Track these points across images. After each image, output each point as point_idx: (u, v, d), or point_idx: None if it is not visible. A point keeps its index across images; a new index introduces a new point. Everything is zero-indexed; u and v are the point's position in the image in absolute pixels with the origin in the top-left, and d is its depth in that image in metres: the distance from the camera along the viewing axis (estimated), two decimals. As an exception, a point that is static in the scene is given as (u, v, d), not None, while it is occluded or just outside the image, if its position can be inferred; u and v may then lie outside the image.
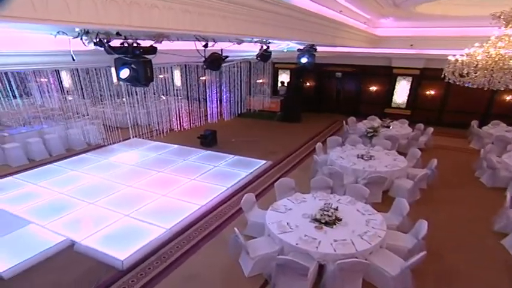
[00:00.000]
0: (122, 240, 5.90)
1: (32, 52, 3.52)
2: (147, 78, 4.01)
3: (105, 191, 7.97)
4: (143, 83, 4.03)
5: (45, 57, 3.70)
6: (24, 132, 11.06)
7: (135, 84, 4.14)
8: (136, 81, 4.01)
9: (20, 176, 8.99)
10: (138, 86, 4.27)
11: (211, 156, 10.50)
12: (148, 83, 4.10)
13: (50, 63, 3.90)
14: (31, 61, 3.64)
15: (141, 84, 4.11)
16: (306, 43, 7.28)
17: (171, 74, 18.22)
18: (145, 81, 4.01)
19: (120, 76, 3.94)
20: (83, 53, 4.02)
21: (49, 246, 5.72)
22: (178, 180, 8.62)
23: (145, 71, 3.92)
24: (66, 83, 19.57)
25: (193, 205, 7.14)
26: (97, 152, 11.06)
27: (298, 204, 5.75)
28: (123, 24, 2.89)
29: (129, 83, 4.12)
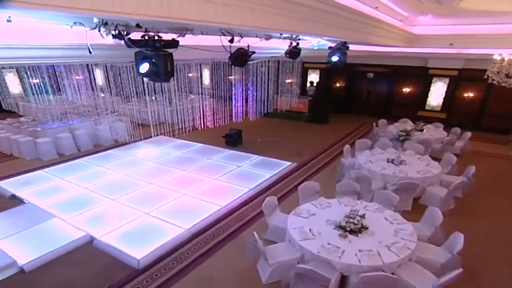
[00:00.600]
0: (139, 239, 5.82)
1: (48, 45, 3.42)
2: (167, 73, 3.81)
3: (128, 187, 7.97)
4: (163, 78, 3.84)
5: (63, 50, 3.59)
6: (55, 127, 11.34)
7: (154, 79, 3.99)
8: (155, 76, 3.83)
9: (49, 170, 9.18)
10: (157, 81, 4.11)
11: (235, 156, 10.33)
12: (168, 78, 3.91)
13: (67, 57, 3.80)
14: (48, 54, 3.53)
15: (161, 79, 3.94)
16: (338, 40, 6.89)
17: (200, 73, 18.28)
18: (165, 76, 3.82)
19: (139, 71, 3.79)
20: (106, 47, 3.93)
21: (69, 241, 5.74)
22: (201, 179, 8.50)
23: (166, 65, 3.73)
24: (99, 81, 20.28)
25: (214, 206, 6.98)
26: (123, 148, 11.17)
27: (322, 209, 5.43)
28: (140, 13, 2.73)
29: (148, 78, 3.95)
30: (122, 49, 4.03)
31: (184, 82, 15.37)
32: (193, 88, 16.54)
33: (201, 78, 18.63)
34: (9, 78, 17.39)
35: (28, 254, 5.40)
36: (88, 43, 3.27)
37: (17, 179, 8.55)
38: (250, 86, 14.77)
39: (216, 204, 7.02)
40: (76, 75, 16.79)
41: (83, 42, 3.27)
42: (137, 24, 3.42)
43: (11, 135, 10.95)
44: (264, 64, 14.00)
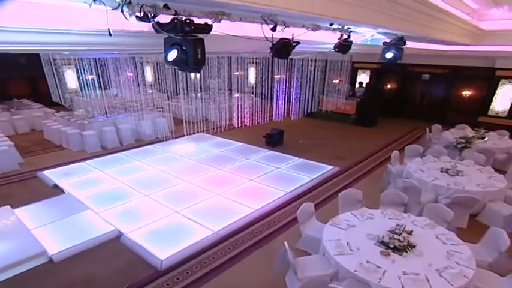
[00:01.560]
0: (166, 238, 5.61)
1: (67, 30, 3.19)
2: (197, 61, 3.41)
3: (162, 184, 7.87)
4: (192, 66, 3.45)
5: (80, 36, 3.37)
6: (101, 121, 11.67)
7: (183, 68, 3.59)
8: (184, 65, 3.45)
9: (91, 161, 9.40)
10: (186, 70, 3.66)
11: (274, 157, 9.92)
12: (198, 67, 3.52)
13: (84, 44, 3.58)
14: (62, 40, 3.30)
15: (190, 68, 3.57)
16: (395, 33, 6.16)
17: (246, 72, 18.14)
18: (195, 64, 3.43)
19: (167, 58, 3.46)
20: (130, 34, 3.71)
21: (98, 235, 5.68)
22: (236, 179, 8.19)
23: (196, 51, 3.35)
24: (148, 78, 20.97)
25: (246, 208, 6.62)
26: (163, 144, 11.19)
27: (363, 221, 4.84)
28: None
29: (177, 66, 3.58)
30: (147, 36, 3.78)
31: (229, 80, 15.29)
32: (239, 86, 16.40)
33: (246, 76, 18.47)
34: (68, 74, 18.44)
35: (58, 244, 5.41)
36: (108, 25, 3.00)
37: (62, 169, 8.81)
38: (295, 85, 14.24)
39: (248, 207, 6.65)
40: (128, 72, 17.51)
41: (102, 28, 3.01)
42: (165, 5, 3.09)
43: (61, 127, 11.43)
44: (310, 63, 13.42)
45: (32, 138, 12.22)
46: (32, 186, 7.95)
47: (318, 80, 14.60)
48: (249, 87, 19.07)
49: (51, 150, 10.77)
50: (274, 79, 16.11)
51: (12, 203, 6.89)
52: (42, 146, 11.30)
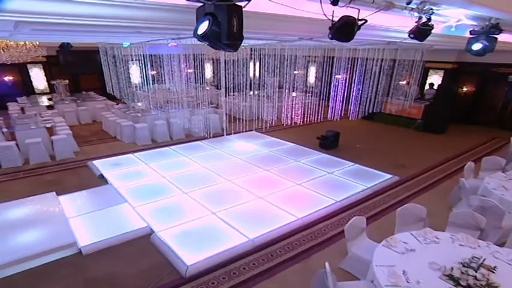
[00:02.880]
0: (197, 241, 5.18)
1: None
2: (232, 35, 2.84)
3: (204, 181, 7.52)
4: (225, 42, 2.89)
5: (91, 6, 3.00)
6: (153, 114, 11.78)
7: (215, 44, 3.02)
8: (216, 40, 2.92)
9: (138, 154, 9.40)
10: (219, 47, 3.08)
11: (327, 161, 9.12)
12: (233, 43, 2.95)
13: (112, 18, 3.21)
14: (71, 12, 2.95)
15: (222, 45, 2.96)
16: (490, 16, 4.95)
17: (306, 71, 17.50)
18: (230, 39, 2.87)
19: (197, 32, 2.93)
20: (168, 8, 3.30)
21: (130, 230, 5.44)
22: (283, 182, 7.57)
23: (230, 22, 2.79)
24: (207, 74, 21.34)
25: (289, 215, 5.96)
26: (213, 140, 10.93)
27: (426, 245, 3.94)
28: None
29: (208, 42, 3.02)
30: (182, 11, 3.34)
31: (287, 78, 14.74)
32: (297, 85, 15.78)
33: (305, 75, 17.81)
34: (133, 70, 19.29)
35: (90, 236, 5.26)
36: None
37: (111, 159, 8.91)
38: (355, 85, 13.19)
39: (291, 214, 5.99)
40: (188, 69, 17.91)
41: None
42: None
43: (117, 119, 11.73)
44: (375, 62, 12.28)
45: (92, 129, 12.76)
46: (81, 174, 8.10)
47: (382, 80, 13.39)
48: (307, 86, 18.36)
49: (105, 141, 11.07)
50: (333, 79, 15.18)
51: (60, 189, 7.03)
52: (98, 136, 11.70)
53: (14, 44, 10.90)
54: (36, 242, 5.00)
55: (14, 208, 6.05)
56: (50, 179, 7.80)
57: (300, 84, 14.72)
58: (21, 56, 11.72)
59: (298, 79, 15.04)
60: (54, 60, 17.17)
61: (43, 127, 9.73)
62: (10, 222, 5.57)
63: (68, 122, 13.14)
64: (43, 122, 10.32)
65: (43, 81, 17.54)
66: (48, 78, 17.34)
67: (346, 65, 12.79)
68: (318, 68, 16.60)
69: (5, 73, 16.62)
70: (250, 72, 19.00)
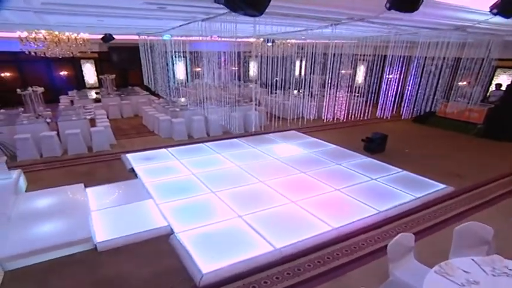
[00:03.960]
0: (218, 246, 4.70)
1: None
2: None
3: (235, 181, 7.06)
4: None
5: None
6: (191, 109, 11.58)
7: (234, 6, 2.80)
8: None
9: (172, 149, 9.17)
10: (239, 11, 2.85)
11: (371, 166, 8.26)
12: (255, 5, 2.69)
13: None
14: None
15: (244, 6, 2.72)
16: None
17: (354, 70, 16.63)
18: None
19: None
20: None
21: (149, 229, 5.10)
22: (320, 186, 6.90)
23: None
24: (251, 72, 21.20)
25: (323, 224, 5.29)
26: (251, 139, 10.48)
27: (494, 277, 3.11)
28: None
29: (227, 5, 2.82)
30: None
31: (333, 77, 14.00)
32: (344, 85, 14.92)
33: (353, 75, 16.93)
34: (179, 67, 19.61)
35: (108, 232, 4.99)
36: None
37: (144, 153, 8.77)
38: (410, 86, 12.04)
39: (325, 223, 5.32)
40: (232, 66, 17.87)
41: None
42: None
43: (156, 113, 11.69)
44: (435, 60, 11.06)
45: (132, 122, 12.87)
46: (113, 167, 8.01)
47: (440, 80, 12.11)
48: (354, 86, 17.44)
49: (143, 135, 11.05)
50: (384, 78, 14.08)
51: (90, 181, 6.94)
52: (137, 130, 11.73)
53: (66, 37, 11.23)
54: (54, 233, 4.81)
55: (41, 197, 5.98)
56: (83, 170, 7.78)
57: (347, 83, 13.86)
58: (71, 50, 12.08)
59: (346, 78, 14.17)
60: (105, 56, 17.82)
61: (84, 118, 9.85)
62: (34, 212, 5.47)
63: (111, 115, 13.44)
64: (84, 113, 10.49)
65: (93, 76, 18.23)
66: (98, 73, 17.99)
67: (400, 64, 11.71)
68: (367, 67, 15.59)
69: (61, 68, 17.51)
70: (296, 71, 18.49)
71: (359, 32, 8.05)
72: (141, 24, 7.70)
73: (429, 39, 8.37)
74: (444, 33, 7.10)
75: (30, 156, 8.42)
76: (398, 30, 7.04)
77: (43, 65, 16.79)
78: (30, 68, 16.67)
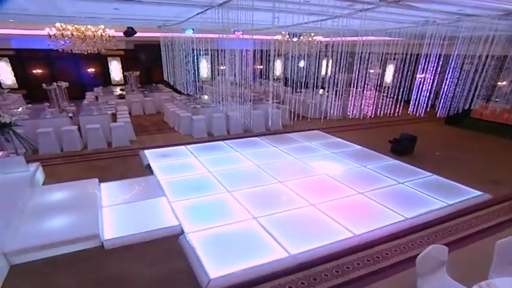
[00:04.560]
0: (229, 249, 4.42)
1: None
2: None
3: (252, 180, 6.77)
4: None
5: None
6: (213, 107, 11.39)
7: None
8: None
9: (190, 146, 8.99)
10: None
11: (399, 168, 7.75)
12: None
13: None
14: None
15: None
16: None
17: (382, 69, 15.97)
18: None
19: None
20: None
21: (159, 227, 4.88)
22: (342, 189, 6.49)
23: None
24: (276, 71, 21.00)
25: (344, 230, 4.90)
26: (272, 137, 10.15)
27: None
28: None
29: None
30: None
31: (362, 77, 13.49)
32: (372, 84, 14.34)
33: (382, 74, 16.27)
34: (203, 64, 19.60)
35: (116, 229, 4.82)
36: None
37: (162, 150, 8.63)
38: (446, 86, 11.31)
39: (346, 229, 4.92)
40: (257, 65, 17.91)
41: None
42: None
43: (177, 110, 11.57)
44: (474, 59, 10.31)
45: (153, 119, 12.84)
46: (130, 163, 7.90)
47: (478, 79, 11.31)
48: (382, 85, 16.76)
49: (163, 132, 10.96)
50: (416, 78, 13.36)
51: (106, 176, 6.85)
52: (158, 126, 11.67)
53: (92, 34, 11.33)
54: (63, 229, 4.68)
55: (55, 191, 5.91)
56: (100, 165, 7.72)
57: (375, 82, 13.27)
58: (96, 46, 12.19)
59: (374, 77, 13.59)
60: (131, 54, 18.02)
61: (105, 113, 9.85)
62: (47, 205, 5.39)
63: (134, 111, 13.49)
64: (106, 109, 10.51)
65: (119, 73, 18.47)
66: (124, 70, 18.22)
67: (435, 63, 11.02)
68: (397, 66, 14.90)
69: (89, 65, 17.87)
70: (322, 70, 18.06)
71: (391, 23, 7.50)
72: (157, 14, 7.53)
73: (471, 33, 7.63)
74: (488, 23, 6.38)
75: (51, 150, 8.46)
76: (436, 18, 6.43)
77: (72, 62, 17.19)
78: (60, 65, 17.10)
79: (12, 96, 14.50)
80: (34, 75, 16.54)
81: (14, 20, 8.97)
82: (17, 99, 14.27)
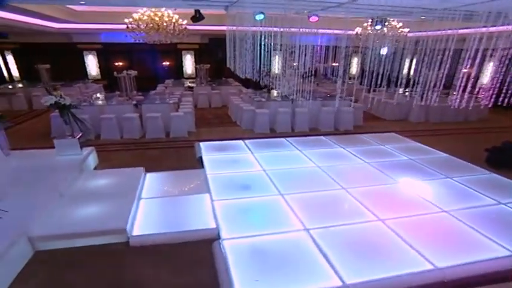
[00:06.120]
0: (267, 266, 3.56)
1: None
2: None
3: (311, 184, 5.84)
4: None
5: None
6: (278, 101, 10.64)
7: None
8: None
9: (249, 141, 8.31)
10: None
11: (497, 184, 6.13)
12: None
13: None
14: None
15: None
16: None
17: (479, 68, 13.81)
18: None
19: None
20: None
21: (193, 229, 4.26)
22: (421, 204, 5.23)
23: None
24: (353, 69, 20.35)
25: (420, 260, 3.73)
26: (341, 138, 9.02)
27: None
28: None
29: None
30: None
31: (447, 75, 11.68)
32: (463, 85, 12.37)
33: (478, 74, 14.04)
34: (275, 60, 19.15)
35: (146, 226, 4.33)
36: None
37: (218, 143, 8.10)
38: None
39: (425, 258, 3.74)
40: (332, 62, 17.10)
41: None
42: None
43: (241, 103, 11.06)
44: None
45: (217, 112, 12.54)
46: (183, 154, 7.53)
47: None
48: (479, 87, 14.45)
49: (224, 125, 10.54)
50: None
51: (154, 166, 6.55)
52: (220, 119, 11.31)
53: (166, 22, 11.39)
54: (92, 218, 4.31)
55: (99, 178, 5.69)
56: (153, 154, 7.47)
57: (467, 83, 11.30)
58: (168, 37, 12.27)
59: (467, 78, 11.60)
60: (205, 48, 18.16)
61: (167, 103, 9.72)
62: (86, 191, 5.15)
63: (200, 104, 13.38)
64: (170, 98, 10.41)
65: (191, 67, 18.75)
66: (196, 64, 18.46)
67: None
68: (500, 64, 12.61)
69: (165, 59, 18.46)
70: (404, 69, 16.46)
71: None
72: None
73: None
74: None
75: (112, 136, 8.52)
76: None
77: (149, 55, 17.89)
78: (138, 58, 17.90)
79: (94, 86, 15.48)
80: (115, 67, 17.51)
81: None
82: (98, 88, 15.18)
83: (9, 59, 16.44)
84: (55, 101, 6.13)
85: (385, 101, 12.14)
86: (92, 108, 8.98)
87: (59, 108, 6.30)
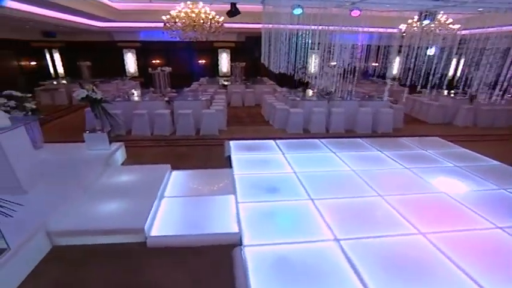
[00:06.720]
0: (289, 278, 3.22)
1: None
2: None
3: (344, 189, 5.40)
4: None
5: None
6: (314, 100, 10.21)
7: None
8: None
9: (281, 142, 7.93)
10: None
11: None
12: None
13: None
14: None
15: None
16: None
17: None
18: None
19: None
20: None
21: (212, 232, 3.99)
22: (469, 217, 4.65)
23: None
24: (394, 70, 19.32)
25: (470, 283, 3.24)
26: (378, 140, 8.43)
27: None
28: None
29: None
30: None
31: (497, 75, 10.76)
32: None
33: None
34: (312, 59, 18.72)
35: (165, 226, 4.13)
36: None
37: (248, 142, 7.80)
38: None
39: (475, 282, 3.24)
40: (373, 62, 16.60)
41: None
42: None
43: (274, 101, 10.75)
44: None
45: (251, 111, 12.30)
46: (211, 152, 7.34)
47: None
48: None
49: (256, 124, 10.27)
50: None
51: (181, 163, 6.42)
52: (252, 118, 11.07)
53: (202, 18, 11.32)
54: (112, 215, 4.17)
55: (125, 174, 5.57)
56: (181, 152, 7.34)
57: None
58: (203, 33, 12.22)
59: None
60: (241, 46, 18.06)
61: (199, 100, 9.60)
62: (109, 187, 5.04)
63: (233, 102, 13.23)
64: (203, 96, 10.30)
65: (227, 65, 18.70)
66: (232, 62, 18.40)
67: None
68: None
69: (201, 57, 18.57)
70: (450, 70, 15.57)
71: None
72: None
73: None
74: None
75: (143, 132, 8.52)
76: None
77: (186, 53, 18.06)
78: (175, 56, 18.14)
79: (131, 83, 15.83)
80: (153, 64, 17.82)
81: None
82: (134, 85, 15.49)
83: (56, 57, 17.25)
84: (86, 95, 6.15)
85: (428, 103, 11.35)
86: (125, 103, 9.05)
87: (90, 102, 6.32)
